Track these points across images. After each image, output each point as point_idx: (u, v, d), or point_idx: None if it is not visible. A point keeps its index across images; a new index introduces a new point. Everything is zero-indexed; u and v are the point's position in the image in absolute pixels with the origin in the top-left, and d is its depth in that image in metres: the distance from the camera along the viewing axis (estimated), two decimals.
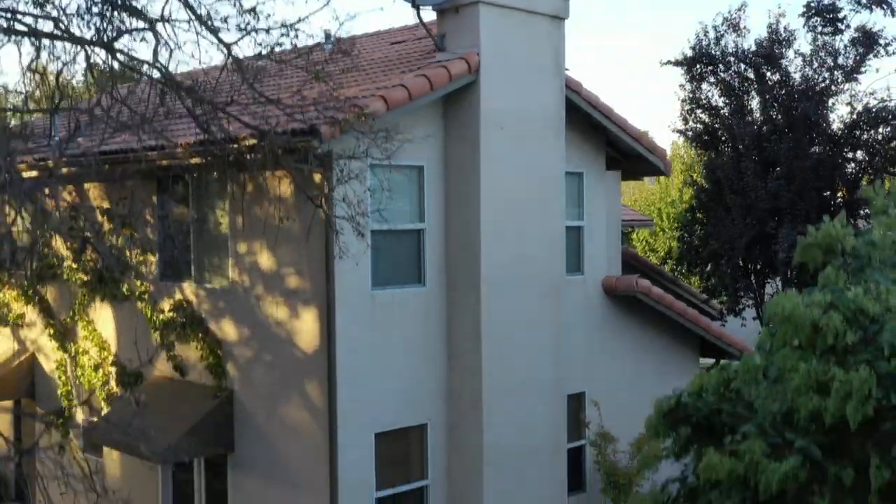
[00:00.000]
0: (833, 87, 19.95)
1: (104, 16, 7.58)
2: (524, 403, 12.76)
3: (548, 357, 13.13)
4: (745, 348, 15.81)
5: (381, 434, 11.80)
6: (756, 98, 20.63)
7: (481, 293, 12.18)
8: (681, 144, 42.00)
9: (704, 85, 20.96)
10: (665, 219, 37.00)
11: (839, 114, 40.08)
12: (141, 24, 7.78)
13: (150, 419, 12.33)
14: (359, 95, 11.10)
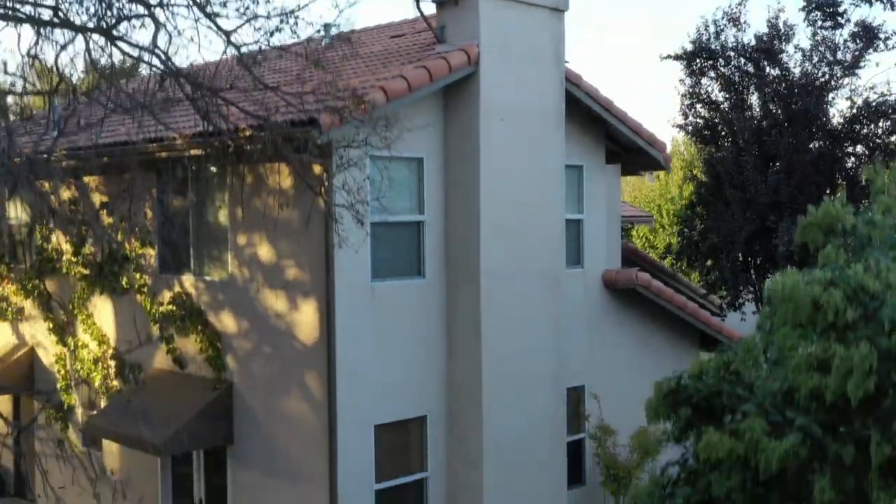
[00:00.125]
0: (833, 82, 19.91)
1: (103, 1, 7.55)
2: (524, 396, 12.74)
3: (547, 350, 13.12)
4: None
5: (381, 426, 11.79)
6: (755, 93, 20.59)
7: (481, 285, 12.16)
8: (680, 141, 42.02)
9: (704, 79, 20.90)
10: (665, 215, 37.00)
11: (839, 108, 40.04)
12: (140, 10, 7.77)
13: (150, 411, 12.33)
14: (359, 87, 11.08)
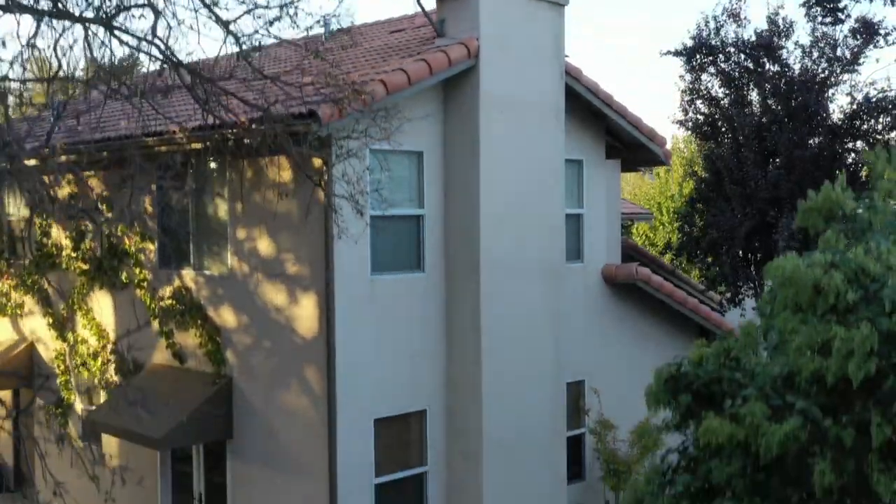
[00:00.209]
0: (832, 78, 19.89)
1: None
2: (523, 391, 12.73)
3: (547, 344, 13.11)
4: None
5: (381, 420, 11.78)
6: (755, 89, 20.56)
7: (481, 279, 12.15)
8: (680, 139, 42.00)
9: (704, 76, 20.86)
10: (665, 213, 36.97)
11: (839, 104, 39.93)
12: (139, 0, 7.74)
13: (150, 406, 12.31)
14: (358, 80, 11.07)
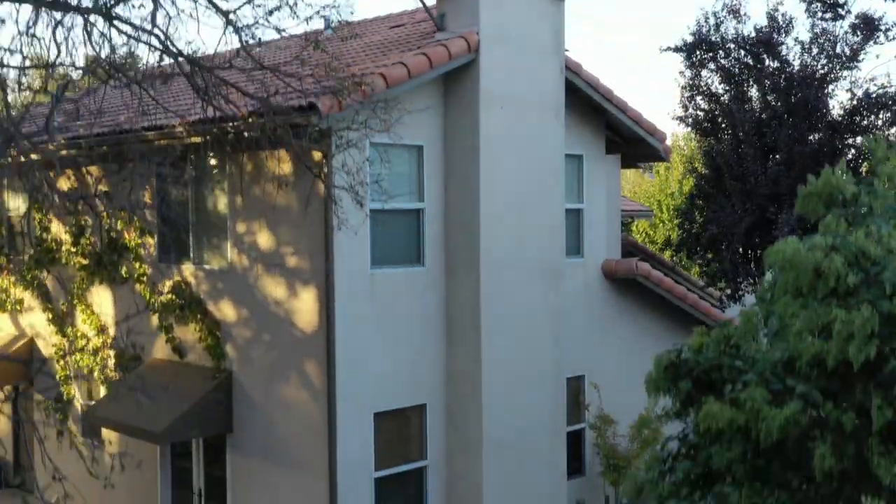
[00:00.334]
0: (832, 74, 19.87)
1: None
2: (523, 385, 12.72)
3: (547, 339, 13.10)
4: None
5: (381, 414, 11.78)
6: (755, 85, 20.55)
7: (480, 274, 12.14)
8: (680, 137, 42.00)
9: (704, 72, 20.85)
10: (665, 210, 36.96)
11: (839, 100, 39.95)
12: None
13: (149, 399, 12.31)
14: (358, 73, 11.05)
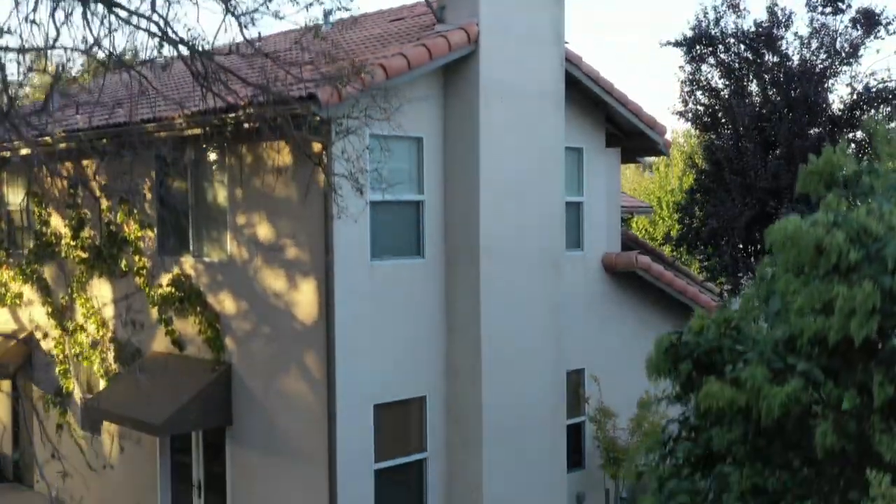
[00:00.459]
0: (832, 69, 19.86)
1: None
2: (523, 378, 12.71)
3: (547, 332, 13.08)
4: None
5: (380, 406, 11.77)
6: (755, 80, 20.54)
7: (480, 266, 12.13)
8: (680, 133, 41.99)
9: (704, 66, 20.83)
10: (665, 207, 36.96)
11: (839, 94, 39.81)
12: None
13: (149, 393, 12.31)
14: (358, 63, 11.03)
